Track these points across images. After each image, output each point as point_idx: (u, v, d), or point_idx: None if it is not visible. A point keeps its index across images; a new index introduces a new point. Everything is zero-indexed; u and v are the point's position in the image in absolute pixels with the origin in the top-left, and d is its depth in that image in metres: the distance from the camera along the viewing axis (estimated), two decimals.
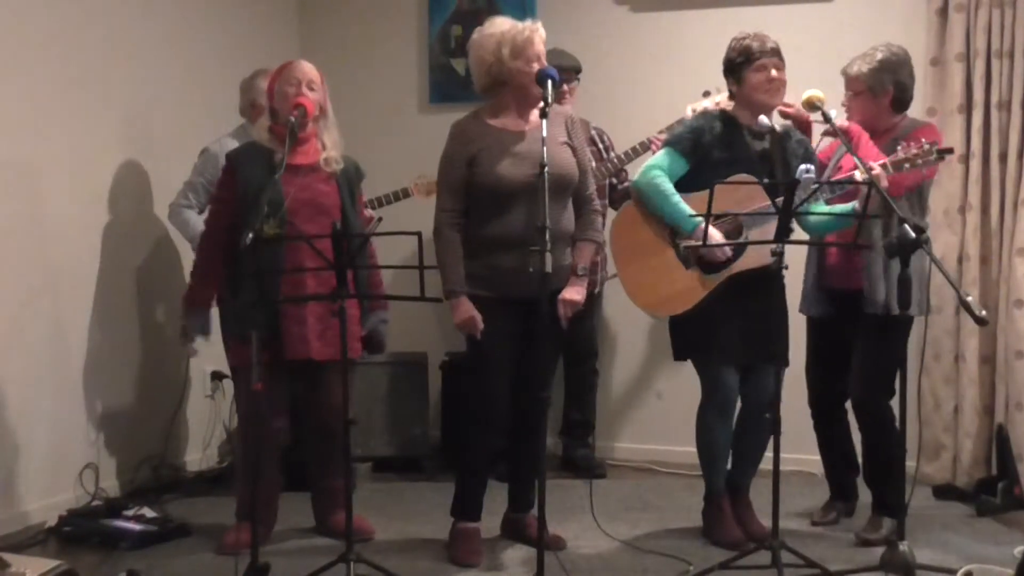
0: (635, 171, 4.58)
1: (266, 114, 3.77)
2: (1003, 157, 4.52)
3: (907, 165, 3.51)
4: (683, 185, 3.68)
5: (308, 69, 3.72)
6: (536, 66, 3.51)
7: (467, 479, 3.73)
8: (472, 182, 3.55)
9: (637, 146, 4.51)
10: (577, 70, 4.71)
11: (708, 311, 3.64)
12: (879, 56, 3.77)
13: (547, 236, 3.10)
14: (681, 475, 4.77)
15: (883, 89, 3.77)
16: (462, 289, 3.53)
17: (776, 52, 3.67)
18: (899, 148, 3.52)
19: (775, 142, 3.72)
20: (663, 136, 4.35)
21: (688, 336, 3.76)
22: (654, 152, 4.34)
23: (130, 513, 3.91)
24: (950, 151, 3.63)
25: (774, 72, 3.65)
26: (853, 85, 3.81)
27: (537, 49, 3.53)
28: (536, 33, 3.55)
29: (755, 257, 3.52)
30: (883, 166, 3.49)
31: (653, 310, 3.88)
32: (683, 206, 3.60)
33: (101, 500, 4.17)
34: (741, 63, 3.68)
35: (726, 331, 3.64)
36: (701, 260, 3.64)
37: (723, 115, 3.76)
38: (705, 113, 3.84)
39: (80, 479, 4.23)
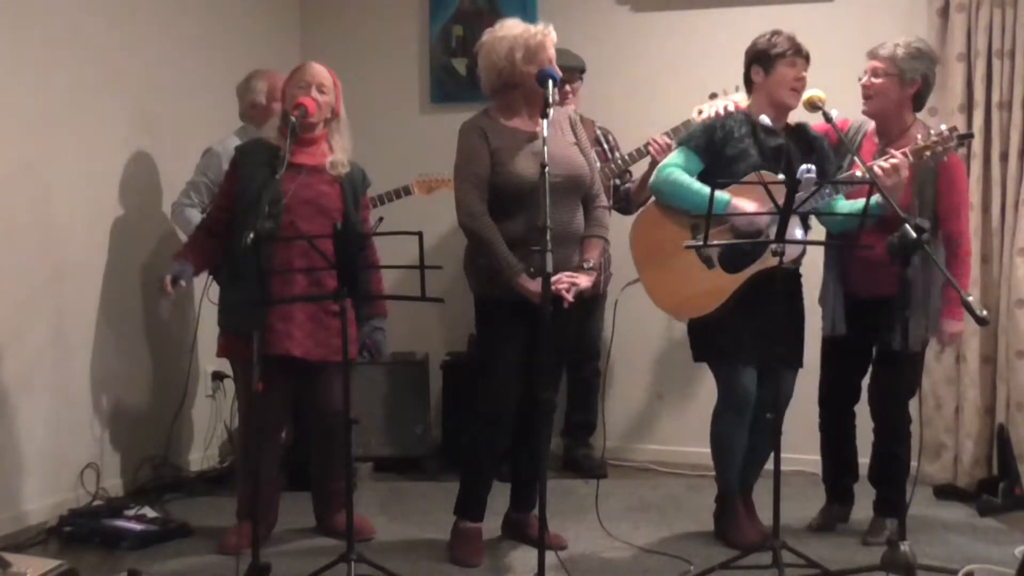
0: (639, 172, 4.60)
1: (278, 115, 3.77)
2: (1004, 157, 4.52)
3: (928, 153, 3.47)
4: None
5: (318, 71, 3.70)
6: None
7: (473, 479, 3.71)
8: (491, 180, 3.52)
9: (642, 147, 4.49)
10: (581, 70, 4.71)
11: (725, 313, 3.60)
12: (917, 44, 3.70)
13: (547, 236, 3.10)
14: (682, 475, 4.75)
15: (912, 78, 3.66)
16: (522, 267, 3.46)
17: (808, 58, 3.66)
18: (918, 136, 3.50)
19: (791, 138, 3.68)
20: (663, 139, 4.35)
21: (706, 338, 3.72)
22: (652, 154, 4.35)
23: (131, 513, 3.91)
24: (971, 135, 3.52)
25: (803, 73, 3.63)
26: (882, 66, 3.67)
27: (549, 54, 3.53)
28: (548, 37, 3.54)
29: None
30: (903, 155, 3.46)
31: (676, 312, 3.81)
32: (706, 189, 3.48)
33: (102, 500, 4.17)
34: (777, 54, 3.63)
35: (743, 333, 3.60)
36: (724, 259, 3.61)
37: (738, 113, 3.74)
38: (718, 114, 3.83)
39: (81, 479, 4.23)
